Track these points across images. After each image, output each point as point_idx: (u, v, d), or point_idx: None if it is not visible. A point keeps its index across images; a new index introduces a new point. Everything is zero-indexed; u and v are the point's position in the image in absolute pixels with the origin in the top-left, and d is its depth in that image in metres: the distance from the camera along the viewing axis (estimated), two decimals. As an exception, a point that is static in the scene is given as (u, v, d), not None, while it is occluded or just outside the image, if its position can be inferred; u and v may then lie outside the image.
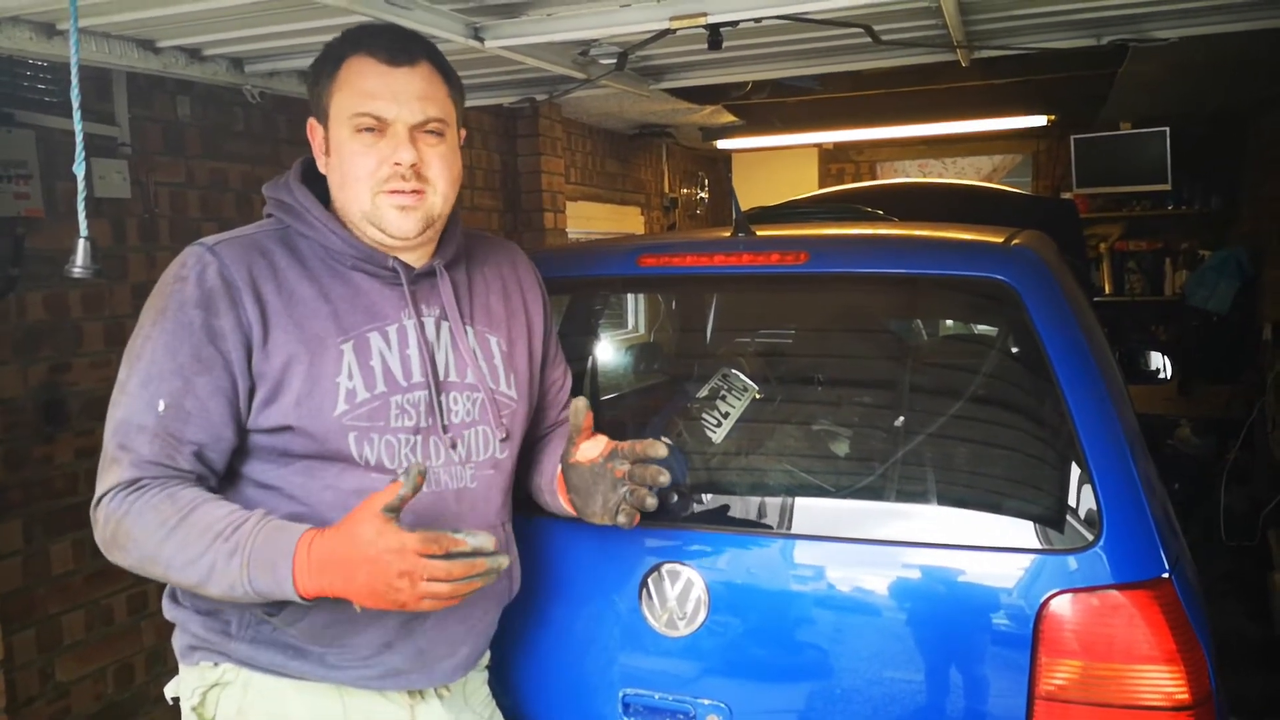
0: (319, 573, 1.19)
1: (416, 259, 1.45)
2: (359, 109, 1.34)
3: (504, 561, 1.21)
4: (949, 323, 2.48)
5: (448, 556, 1.17)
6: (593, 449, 1.47)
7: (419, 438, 1.40)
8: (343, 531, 1.20)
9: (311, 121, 1.43)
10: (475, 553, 1.18)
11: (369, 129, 1.35)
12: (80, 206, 1.45)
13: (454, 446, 1.43)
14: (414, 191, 1.37)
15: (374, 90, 1.35)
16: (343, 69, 1.37)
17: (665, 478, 1.41)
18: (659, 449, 1.41)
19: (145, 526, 1.24)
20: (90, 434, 2.67)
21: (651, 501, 1.42)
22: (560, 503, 1.56)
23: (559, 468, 1.55)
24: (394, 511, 1.18)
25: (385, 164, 1.35)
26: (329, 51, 1.40)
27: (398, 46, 1.37)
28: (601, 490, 1.45)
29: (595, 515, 1.47)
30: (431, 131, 1.38)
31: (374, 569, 1.16)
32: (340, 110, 1.36)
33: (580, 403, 1.47)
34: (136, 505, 1.25)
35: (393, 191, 1.36)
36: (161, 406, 1.28)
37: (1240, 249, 5.48)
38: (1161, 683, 1.40)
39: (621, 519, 1.44)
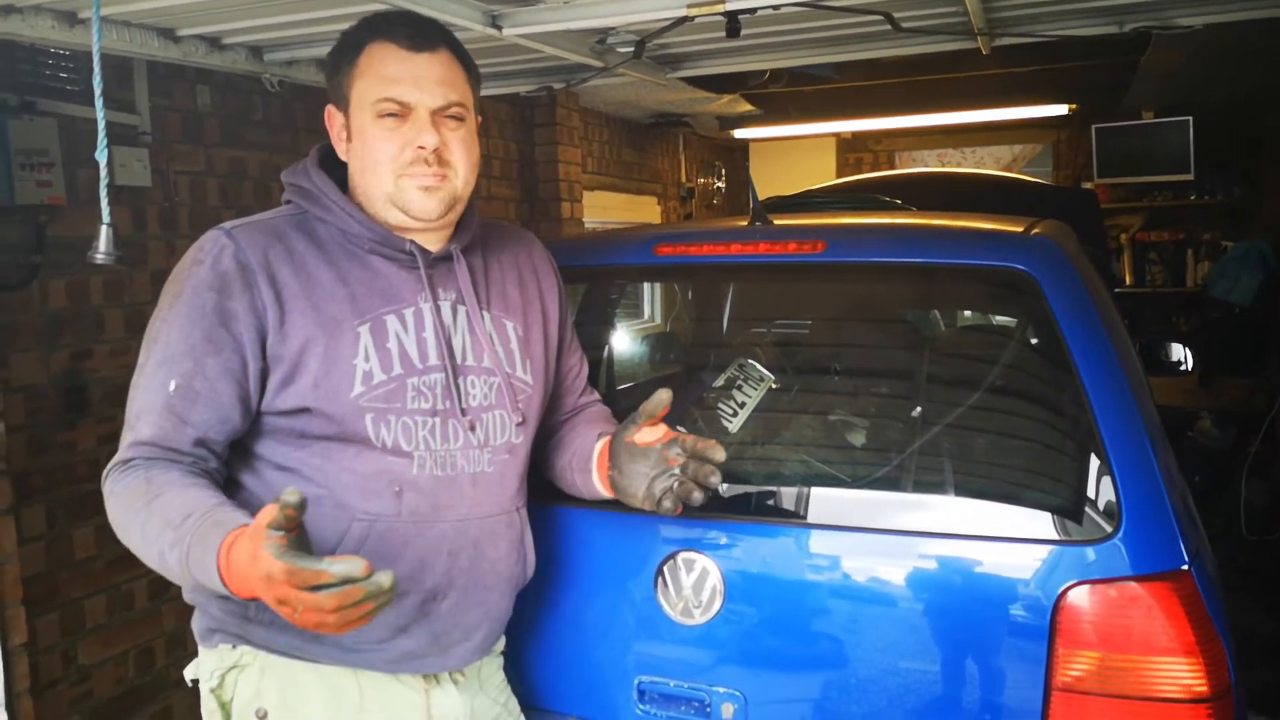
0: (237, 582, 1.12)
1: (434, 243, 1.45)
2: (382, 94, 1.35)
3: (384, 582, 1.03)
4: (967, 313, 2.47)
5: (317, 588, 1.03)
6: (651, 434, 1.46)
7: (436, 420, 1.41)
8: (242, 543, 1.11)
9: (330, 108, 1.44)
10: (346, 581, 1.02)
11: (391, 114, 1.36)
12: (103, 193, 1.46)
13: (472, 429, 1.44)
14: (437, 175, 1.38)
15: (396, 75, 1.36)
16: (363, 55, 1.38)
17: (716, 479, 1.39)
18: (719, 452, 1.39)
19: (120, 507, 1.27)
20: (112, 420, 2.70)
21: (698, 496, 1.40)
22: (592, 480, 1.55)
23: (600, 444, 1.54)
24: (280, 530, 1.04)
25: (408, 148, 1.36)
26: (348, 39, 1.41)
27: (418, 33, 1.38)
28: (649, 474, 1.44)
29: (635, 497, 1.46)
30: (452, 116, 1.39)
31: (259, 592, 1.08)
32: (362, 96, 1.37)
33: (665, 394, 1.44)
34: (118, 486, 1.28)
35: (416, 175, 1.37)
36: (173, 387, 1.30)
37: (1263, 241, 5.42)
38: (1180, 675, 1.39)
39: (667, 503, 1.42)
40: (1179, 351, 3.04)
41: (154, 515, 1.23)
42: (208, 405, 1.31)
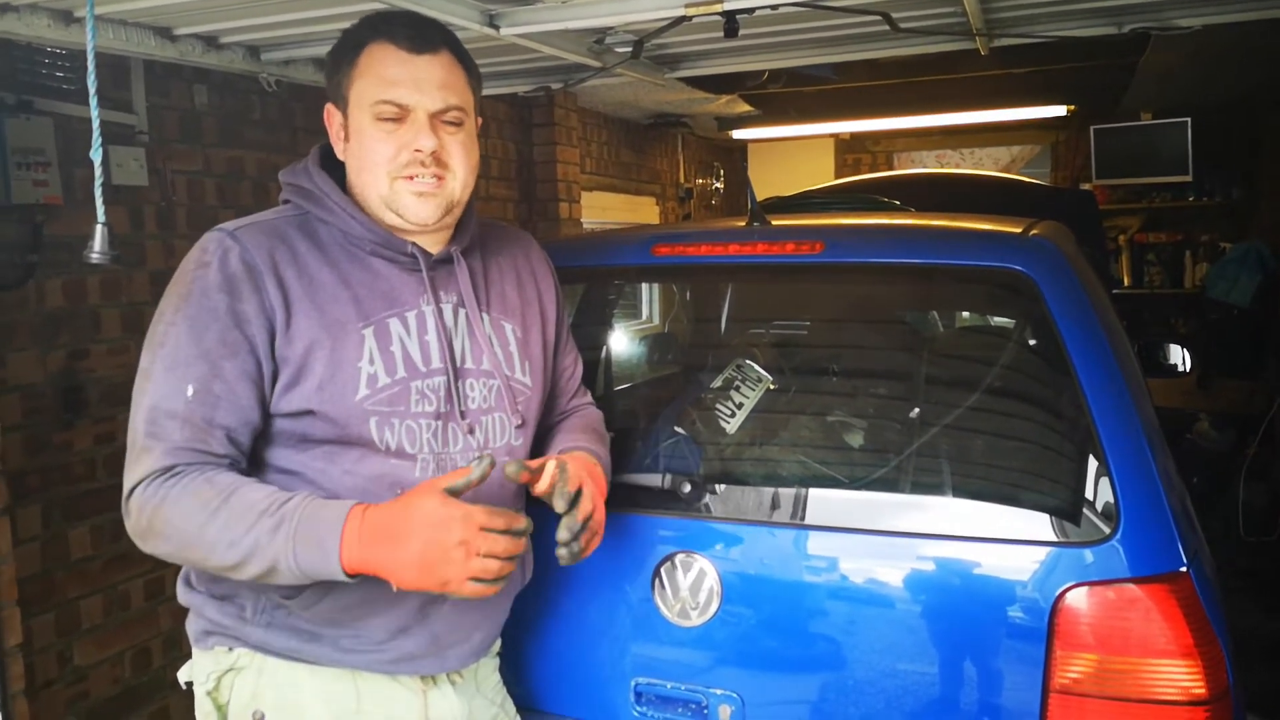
0: (370, 543, 1.21)
1: (433, 245, 1.45)
2: (380, 96, 1.35)
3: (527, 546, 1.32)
4: (965, 314, 2.47)
5: (506, 532, 1.23)
6: (542, 484, 1.40)
7: (439, 423, 1.41)
8: (400, 504, 1.24)
9: (329, 107, 1.43)
10: (528, 531, 1.26)
11: (390, 117, 1.35)
12: (97, 192, 1.46)
13: (471, 432, 1.43)
14: (434, 177, 1.37)
15: (395, 77, 1.35)
16: (363, 55, 1.37)
17: (563, 534, 1.37)
18: (561, 503, 1.36)
19: (185, 511, 1.24)
20: (109, 420, 2.69)
21: (563, 554, 1.38)
22: None
23: None
24: (455, 494, 1.23)
25: (405, 150, 1.35)
26: (348, 38, 1.40)
27: (419, 34, 1.38)
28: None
29: None
30: (451, 120, 1.38)
31: (432, 535, 1.20)
32: (361, 96, 1.36)
33: (510, 468, 1.34)
34: (174, 492, 1.25)
35: (412, 178, 1.36)
36: (190, 392, 1.28)
37: (1261, 242, 5.42)
38: (1178, 677, 1.39)
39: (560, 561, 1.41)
40: (1177, 353, 3.04)
41: (235, 510, 1.23)
42: (228, 409, 1.30)
